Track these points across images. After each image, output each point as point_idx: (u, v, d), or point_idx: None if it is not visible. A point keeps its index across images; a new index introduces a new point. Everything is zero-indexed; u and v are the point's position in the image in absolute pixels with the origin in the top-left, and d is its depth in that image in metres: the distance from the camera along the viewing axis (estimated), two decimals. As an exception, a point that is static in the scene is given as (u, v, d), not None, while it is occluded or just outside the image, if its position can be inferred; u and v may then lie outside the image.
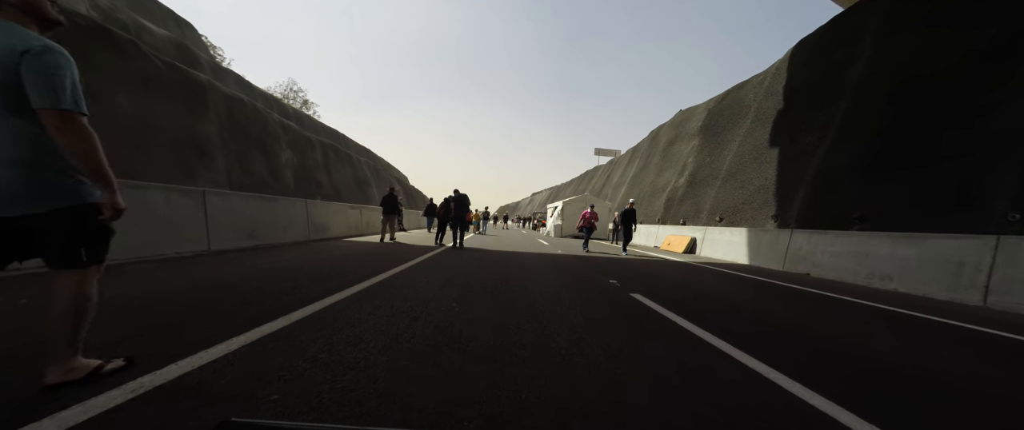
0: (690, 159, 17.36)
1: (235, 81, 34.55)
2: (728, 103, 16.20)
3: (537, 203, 71.55)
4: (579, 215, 21.03)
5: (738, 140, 13.95)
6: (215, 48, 49.79)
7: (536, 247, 11.09)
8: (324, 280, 3.91)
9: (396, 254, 7.27)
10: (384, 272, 4.85)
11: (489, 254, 8.29)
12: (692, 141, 18.17)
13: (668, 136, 21.67)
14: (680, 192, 16.77)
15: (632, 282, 5.18)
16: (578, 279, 5.19)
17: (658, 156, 21.85)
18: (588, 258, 8.81)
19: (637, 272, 6.39)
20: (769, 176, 11.39)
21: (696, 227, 13.04)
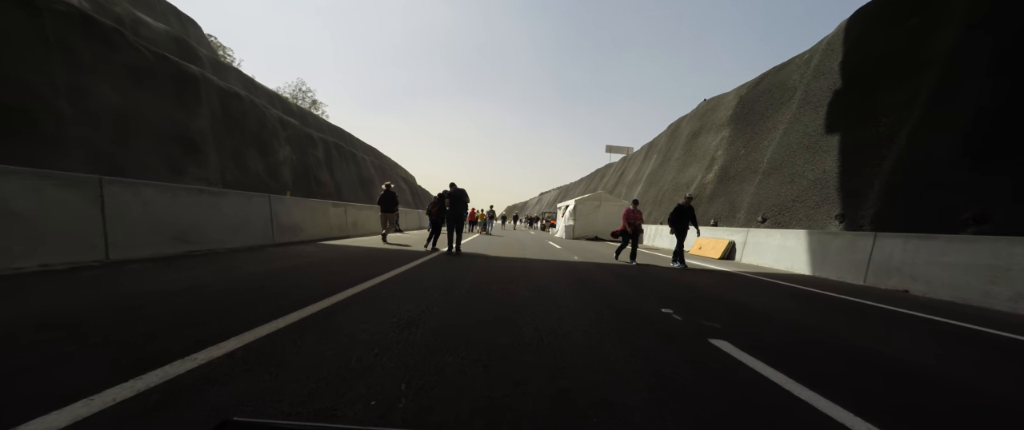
0: (719, 152, 15.47)
1: (237, 78, 33.59)
2: (765, 88, 14.28)
3: (546, 203, 69.74)
4: (593, 215, 19.34)
5: (782, 128, 12.06)
6: (224, 48, 49.25)
7: (548, 252, 9.44)
8: (212, 319, 2.32)
9: (372, 263, 5.67)
10: (327, 298, 3.22)
11: (491, 264, 6.63)
12: (721, 132, 16.28)
13: (691, 128, 19.76)
14: (709, 189, 14.90)
15: (695, 311, 3.49)
16: (618, 309, 3.50)
17: (680, 150, 19.95)
18: (612, 268, 7.10)
19: (690, 291, 4.69)
20: (828, 168, 9.52)
21: (733, 229, 11.20)
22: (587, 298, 3.92)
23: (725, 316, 3.35)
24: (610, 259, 8.58)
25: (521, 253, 8.70)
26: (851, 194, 8.54)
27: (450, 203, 7.94)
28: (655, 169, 22.73)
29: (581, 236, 18.12)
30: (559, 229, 20.59)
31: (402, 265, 5.63)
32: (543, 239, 16.18)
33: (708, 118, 18.27)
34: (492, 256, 7.72)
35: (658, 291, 4.56)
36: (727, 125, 15.93)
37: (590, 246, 13.12)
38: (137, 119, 14.09)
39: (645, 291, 4.54)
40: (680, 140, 20.74)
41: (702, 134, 18.17)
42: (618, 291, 4.43)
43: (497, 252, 8.51)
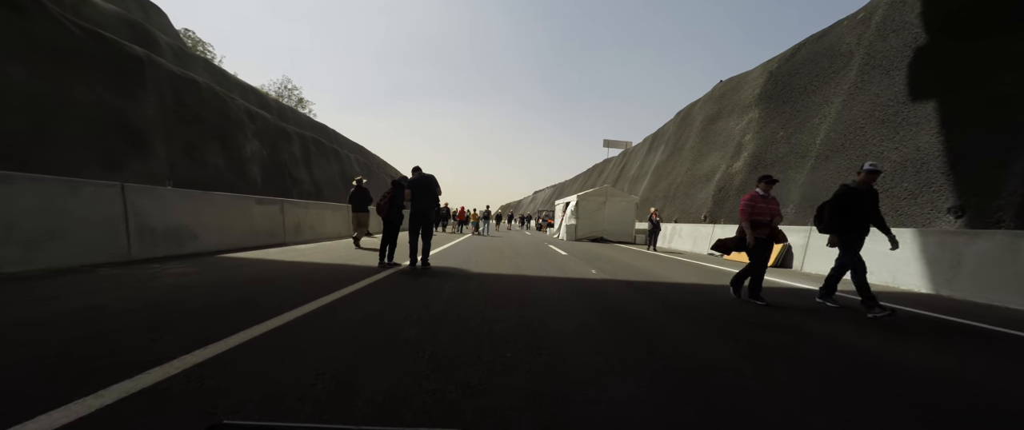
0: (747, 137, 13.14)
1: (205, 69, 30.50)
2: (805, 59, 11.96)
3: (540, 201, 67.33)
4: (598, 212, 16.80)
5: (838, 101, 9.72)
6: (203, 43, 45.76)
7: (551, 261, 7.00)
8: None
9: (261, 297, 3.10)
10: None
11: (468, 290, 4.11)
12: (747, 115, 13.95)
13: (706, 113, 17.44)
14: (737, 180, 12.56)
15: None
16: None
17: (693, 139, 17.61)
18: (702, 308, 4.62)
19: (807, 338, 2.26)
20: (923, 144, 7.18)
21: (780, 227, 8.86)
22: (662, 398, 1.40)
23: None
24: (644, 273, 6.10)
25: (516, 265, 6.20)
26: (969, 179, 6.19)
27: (412, 195, 5.41)
28: (664, 161, 20.39)
29: (584, 237, 15.68)
30: (559, 229, 18.12)
31: (314, 301, 3.06)
32: (541, 241, 13.71)
33: (728, 100, 15.95)
34: (474, 273, 5.20)
35: (765, 343, 2.07)
36: (755, 106, 13.60)
37: (600, 250, 10.66)
38: (60, 105, 11.39)
39: (738, 339, 2.04)
40: (693, 127, 18.41)
41: (722, 118, 15.84)
42: (704, 360, 1.92)
43: (483, 264, 6.02)
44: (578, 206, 15.89)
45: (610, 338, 2.52)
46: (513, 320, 2.86)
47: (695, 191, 15.23)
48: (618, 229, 15.78)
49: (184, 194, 5.61)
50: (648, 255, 9.91)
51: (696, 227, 12.36)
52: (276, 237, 7.63)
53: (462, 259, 6.81)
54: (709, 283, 5.45)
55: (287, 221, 8.09)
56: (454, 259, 6.71)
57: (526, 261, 6.91)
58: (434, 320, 2.76)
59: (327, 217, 10.00)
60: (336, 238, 9.94)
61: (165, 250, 5.12)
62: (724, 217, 12.47)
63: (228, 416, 1.30)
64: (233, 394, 1.48)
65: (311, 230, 8.93)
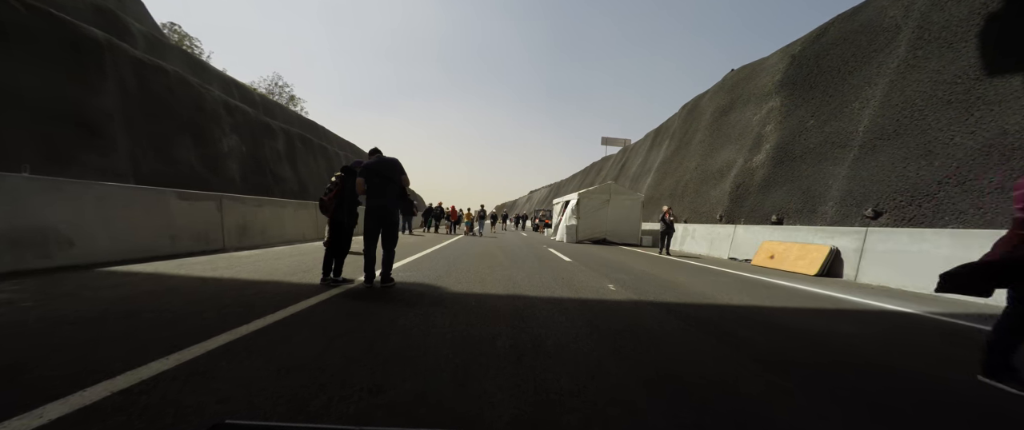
0: (769, 127, 11.81)
1: (181, 59, 28.69)
2: (836, 38, 10.64)
3: (536, 201, 65.97)
4: (600, 211, 15.31)
5: (884, 82, 8.39)
6: (190, 38, 43.64)
7: (553, 270, 5.56)
8: None
9: (117, 340, 1.57)
10: None
11: (434, 319, 2.63)
12: (766, 103, 12.63)
13: (717, 105, 16.12)
14: (758, 174, 11.22)
15: None
16: None
17: (703, 132, 16.28)
18: (719, 317, 3.18)
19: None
20: (1010, 126, 5.83)
21: (821, 228, 7.50)
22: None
23: None
24: (678, 289, 4.66)
25: (509, 278, 4.75)
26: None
27: (367, 186, 3.95)
28: (669, 156, 19.06)
29: (586, 238, 14.28)
30: (557, 230, 16.70)
31: (116, 376, 1.54)
32: (538, 243, 12.28)
33: (742, 90, 14.63)
34: (451, 293, 3.74)
35: None
36: (776, 93, 12.28)
37: (607, 255, 9.25)
38: (4, 94, 9.86)
39: None
40: (701, 120, 17.09)
41: (735, 109, 14.52)
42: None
43: (467, 276, 4.57)
44: (579, 205, 14.48)
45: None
46: (496, 425, 1.40)
47: (707, 188, 13.88)
48: (622, 230, 14.40)
49: (48, 184, 4.06)
50: (664, 261, 8.51)
51: (712, 228, 11.00)
52: (210, 242, 6.09)
53: (443, 269, 5.35)
54: (775, 305, 4.03)
55: (228, 221, 6.56)
56: (433, 269, 5.25)
57: (523, 271, 5.47)
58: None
59: (287, 217, 8.47)
60: (300, 241, 8.42)
61: (12, 263, 3.59)
62: (744, 216, 11.11)
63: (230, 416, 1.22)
64: None
65: (262, 233, 7.39)
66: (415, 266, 5.58)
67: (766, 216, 10.22)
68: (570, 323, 2.85)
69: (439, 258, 6.70)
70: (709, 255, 10.48)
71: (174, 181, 13.60)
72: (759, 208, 10.66)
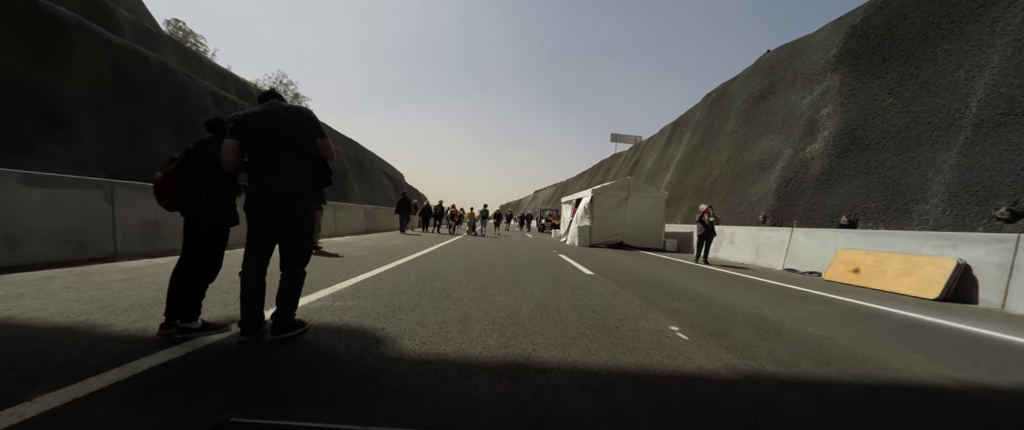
0: (826, 111, 9.84)
1: (174, 51, 27.36)
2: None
3: (541, 200, 64.04)
4: (618, 211, 13.27)
5: (1003, 43, 6.40)
6: (194, 35, 42.42)
7: (573, 290, 3.71)
8: None
9: None
10: None
11: None
12: (818, 84, 10.65)
13: (751, 91, 14.12)
14: (816, 167, 9.26)
15: None
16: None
17: (735, 122, 14.30)
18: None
19: None
20: None
21: (935, 234, 5.57)
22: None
23: None
24: (794, 338, 2.75)
25: (511, 314, 2.89)
26: None
27: (251, 157, 2.15)
28: (692, 150, 17.08)
29: (601, 242, 12.40)
30: (567, 232, 14.82)
31: None
32: (546, 247, 10.44)
33: (784, 71, 12.63)
34: (400, 356, 1.91)
35: None
36: (832, 71, 10.29)
37: (635, 264, 7.37)
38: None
39: None
40: (731, 109, 15.09)
41: (776, 94, 12.53)
42: None
43: (442, 311, 2.74)
44: (593, 204, 12.60)
45: None
46: None
47: (743, 185, 11.92)
48: (643, 232, 12.49)
49: None
50: (710, 274, 6.60)
51: (758, 231, 9.06)
52: (89, 247, 4.32)
53: (414, 290, 3.53)
54: (999, 383, 2.14)
55: (123, 218, 4.79)
56: (398, 291, 3.44)
57: (530, 294, 3.63)
58: None
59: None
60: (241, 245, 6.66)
61: None
62: (798, 217, 9.15)
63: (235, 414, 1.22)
64: None
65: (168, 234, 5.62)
66: (374, 284, 3.78)
67: (830, 217, 8.26)
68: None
69: (417, 271, 4.88)
70: (757, 265, 8.55)
71: (148, 173, 12.02)
72: (818, 207, 8.70)
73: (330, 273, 4.33)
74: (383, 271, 4.73)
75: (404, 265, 5.37)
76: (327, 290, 3.46)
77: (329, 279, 3.99)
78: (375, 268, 4.91)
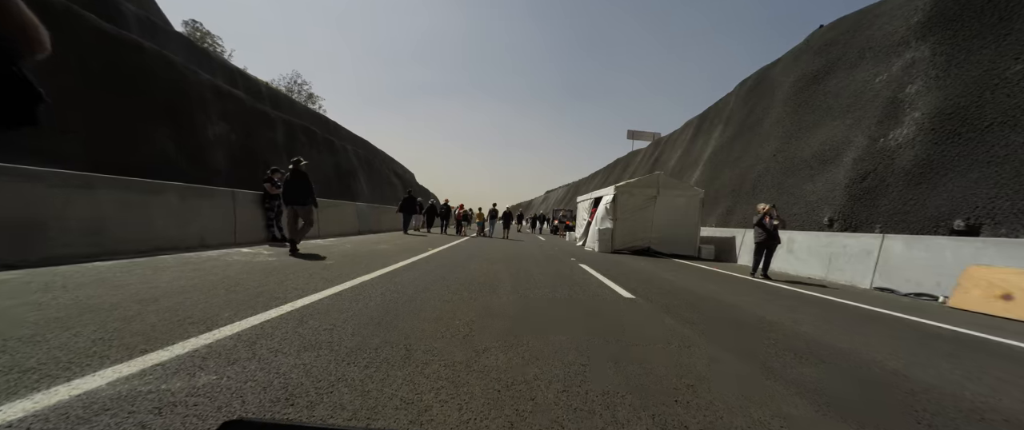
0: (913, 87, 7.95)
1: (182, 45, 26.78)
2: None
3: (553, 201, 62.21)
4: (644, 211, 11.36)
5: None
6: (211, 36, 42.40)
7: (621, 346, 2.17)
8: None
9: None
10: None
11: None
12: (899, 56, 8.74)
13: (801, 72, 12.19)
14: (905, 157, 7.40)
15: None
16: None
17: (780, 108, 12.39)
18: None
19: None
20: None
21: None
22: None
23: None
24: None
25: (521, 403, 1.39)
26: None
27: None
28: (725, 144, 15.18)
29: (625, 247, 10.71)
30: (585, 234, 13.15)
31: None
32: (562, 253, 8.82)
33: (847, 46, 10.70)
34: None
35: None
36: (919, 39, 8.38)
37: (688, 283, 5.69)
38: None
39: None
40: (775, 95, 13.17)
41: (836, 73, 10.61)
42: None
43: (385, 393, 1.26)
44: (616, 203, 10.91)
45: None
46: None
47: (797, 181, 10.05)
48: (674, 236, 10.74)
49: None
50: (800, 299, 4.88)
51: (827, 238, 7.23)
52: (21, 248, 2.94)
53: (350, 344, 1.94)
54: None
55: (74, 212, 3.40)
56: (319, 344, 1.88)
57: (546, 345, 2.00)
58: None
59: (194, 210, 5.30)
60: (171, 250, 5.20)
61: None
62: (881, 220, 7.28)
63: (243, 414, 1.25)
64: None
65: (147, 232, 4.22)
66: (293, 325, 2.17)
67: (935, 221, 6.40)
68: None
69: (384, 293, 3.32)
70: (831, 281, 6.74)
71: (138, 169, 10.95)
72: (914, 208, 6.83)
73: (238, 300, 2.80)
74: (332, 293, 3.20)
75: (371, 282, 3.83)
76: (192, 343, 1.92)
77: (226, 312, 2.46)
78: (325, 288, 3.38)
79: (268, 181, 6.97)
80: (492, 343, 2.26)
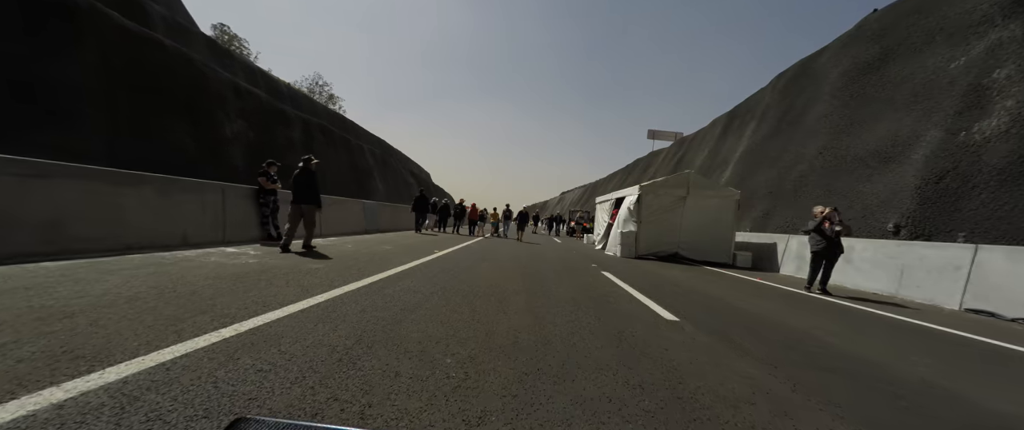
0: (1003, 72, 6.74)
1: (205, 46, 27.31)
2: None
3: (569, 202, 61.02)
4: (672, 213, 10.08)
5: None
6: (238, 39, 43.67)
7: (703, 416, 1.44)
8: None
9: None
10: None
11: None
12: (979, 40, 7.51)
13: (854, 60, 10.93)
14: (995, 154, 6.24)
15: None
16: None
17: (828, 101, 11.16)
18: None
19: None
20: None
21: None
22: None
23: None
24: None
25: None
26: None
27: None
28: (760, 142, 13.96)
29: (649, 252, 9.78)
30: (604, 237, 12.25)
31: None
32: (582, 259, 7.99)
33: (910, 30, 9.44)
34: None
35: None
36: (1007, 16, 7.14)
37: (735, 300, 4.79)
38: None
39: None
40: (822, 86, 11.92)
41: (897, 59, 9.37)
42: None
43: None
44: (641, 204, 9.98)
45: None
46: None
47: (851, 181, 8.89)
48: (706, 241, 9.72)
49: None
50: (881, 324, 3.93)
51: (895, 248, 6.15)
52: None
53: (333, 358, 1.22)
54: None
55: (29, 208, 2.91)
56: (301, 358, 1.18)
57: (573, 400, 1.29)
58: None
59: (164, 207, 4.81)
60: (147, 249, 4.68)
61: None
62: (966, 227, 6.13)
63: (249, 413, 1.18)
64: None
65: (52, 230, 3.72)
66: (223, 357, 1.49)
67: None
68: None
69: (362, 310, 2.63)
70: (904, 298, 5.67)
71: (155, 164, 10.91)
72: (1012, 212, 5.68)
73: (167, 320, 2.15)
74: (297, 310, 2.52)
75: (354, 294, 3.15)
76: (32, 402, 1.25)
77: (135, 340, 1.80)
78: (294, 301, 2.71)
79: (263, 175, 6.46)
80: (493, 402, 1.51)
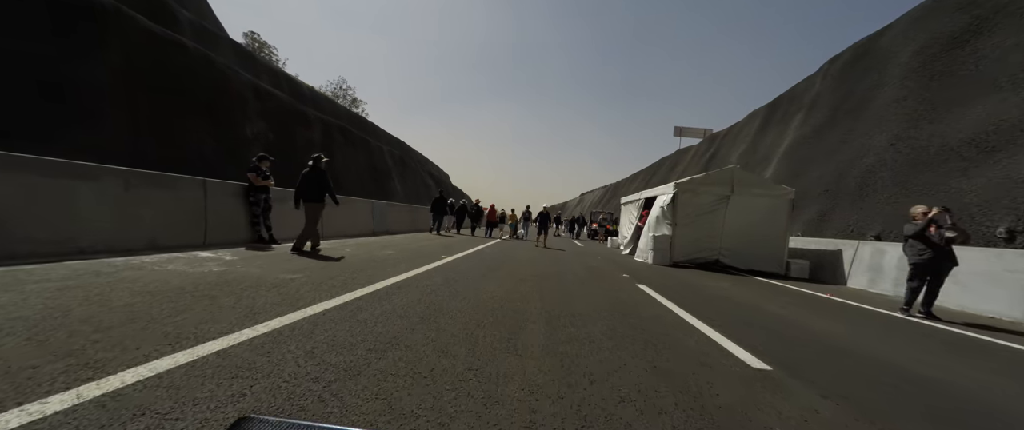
0: None
1: (230, 49, 27.89)
2: None
3: (588, 204, 59.31)
4: (713, 214, 8.14)
5: None
6: (268, 46, 45.01)
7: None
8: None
9: None
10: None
11: None
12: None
13: (931, 36, 9.32)
14: None
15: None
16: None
17: (900, 86, 9.59)
18: None
19: None
20: None
21: None
22: None
23: None
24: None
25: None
26: None
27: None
28: (809, 134, 12.40)
29: (686, 259, 8.59)
30: (633, 241, 11.09)
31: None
32: (611, 268, 6.93)
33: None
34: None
35: None
36: None
37: (835, 334, 3.66)
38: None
39: None
40: (890, 68, 10.33)
41: (992, 30, 7.82)
42: None
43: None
44: (676, 204, 8.81)
45: None
46: None
47: (939, 176, 7.41)
48: (753, 247, 8.44)
49: None
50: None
51: (1014, 258, 4.80)
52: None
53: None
54: None
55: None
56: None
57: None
58: None
59: (136, 203, 4.18)
60: (103, 253, 4.02)
61: None
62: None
63: (254, 412, 1.23)
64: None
65: (79, 231, 3.10)
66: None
67: None
68: None
69: (309, 351, 1.78)
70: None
71: (174, 164, 10.78)
72: None
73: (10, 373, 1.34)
74: (213, 351, 1.68)
75: (318, 320, 2.29)
76: None
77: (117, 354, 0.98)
78: (226, 333, 1.88)
79: (253, 170, 5.79)
80: None
